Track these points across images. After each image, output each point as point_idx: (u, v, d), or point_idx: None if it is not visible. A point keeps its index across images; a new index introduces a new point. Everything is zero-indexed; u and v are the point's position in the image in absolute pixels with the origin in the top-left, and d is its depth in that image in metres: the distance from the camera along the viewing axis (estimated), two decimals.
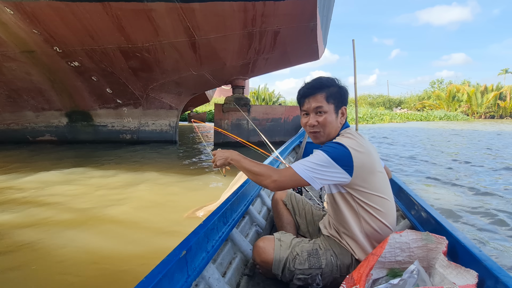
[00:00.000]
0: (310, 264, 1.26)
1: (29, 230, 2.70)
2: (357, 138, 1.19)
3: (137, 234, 2.70)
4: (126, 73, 7.71)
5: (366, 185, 1.16)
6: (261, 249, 1.29)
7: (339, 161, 1.11)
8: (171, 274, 0.93)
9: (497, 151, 8.17)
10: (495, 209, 3.28)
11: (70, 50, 6.91)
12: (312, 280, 1.26)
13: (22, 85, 7.89)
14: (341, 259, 1.27)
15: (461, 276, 0.91)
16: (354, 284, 1.01)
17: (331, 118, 1.23)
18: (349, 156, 1.11)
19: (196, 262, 1.12)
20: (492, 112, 35.21)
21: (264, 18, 6.36)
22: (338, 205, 1.24)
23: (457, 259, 1.06)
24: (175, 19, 6.10)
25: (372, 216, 1.19)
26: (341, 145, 1.13)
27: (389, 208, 1.21)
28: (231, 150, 1.36)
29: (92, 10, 5.88)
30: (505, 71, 48.29)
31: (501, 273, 0.86)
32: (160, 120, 9.34)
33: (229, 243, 1.58)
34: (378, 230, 1.20)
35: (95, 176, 4.80)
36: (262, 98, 31.84)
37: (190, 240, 1.10)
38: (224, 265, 1.45)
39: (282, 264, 1.26)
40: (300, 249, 1.28)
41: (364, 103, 44.41)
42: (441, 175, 5.06)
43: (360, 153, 1.13)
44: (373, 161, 1.16)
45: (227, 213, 1.50)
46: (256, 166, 1.23)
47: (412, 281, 0.97)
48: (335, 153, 1.12)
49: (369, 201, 1.17)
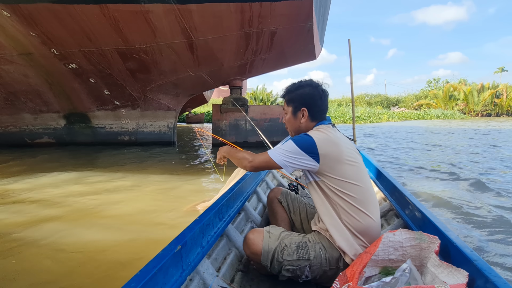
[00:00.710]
0: (298, 256, 1.28)
1: (27, 229, 2.71)
2: (326, 131, 1.33)
3: (136, 228, 2.75)
4: (124, 74, 7.71)
5: (335, 172, 1.26)
6: (250, 241, 1.33)
7: (305, 149, 1.25)
8: (166, 268, 0.94)
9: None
10: (487, 206, 3.32)
11: (67, 52, 6.90)
12: (301, 272, 1.28)
13: (20, 87, 7.86)
14: (329, 252, 1.29)
15: (452, 276, 0.93)
16: (347, 281, 1.03)
17: (290, 118, 1.45)
18: (313, 144, 1.25)
19: (191, 257, 1.13)
20: (488, 110, 35.40)
21: (261, 18, 6.39)
22: (315, 193, 1.34)
23: (449, 259, 1.08)
24: (172, 20, 6.11)
25: (346, 202, 1.26)
26: (307, 136, 1.29)
27: (366, 195, 1.28)
28: (226, 146, 1.63)
29: (90, 12, 5.88)
30: (501, 70, 48.56)
31: (491, 273, 0.87)
32: (158, 121, 9.34)
33: (224, 238, 1.59)
34: (357, 218, 1.25)
35: (93, 177, 4.81)
36: (260, 99, 31.82)
37: (186, 235, 1.11)
38: (218, 260, 1.46)
39: (270, 255, 1.28)
40: (289, 241, 1.32)
41: (362, 102, 44.51)
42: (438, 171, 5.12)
43: (325, 143, 1.26)
44: (340, 151, 1.28)
45: (223, 209, 1.52)
46: (239, 153, 1.47)
47: (404, 280, 0.99)
48: (301, 142, 1.27)
49: (341, 188, 1.26)
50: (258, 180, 2.39)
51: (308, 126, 1.41)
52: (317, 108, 1.40)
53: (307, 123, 1.41)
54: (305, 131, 1.40)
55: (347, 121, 25.14)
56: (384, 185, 2.12)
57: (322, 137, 1.28)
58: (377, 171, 2.37)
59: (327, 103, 1.45)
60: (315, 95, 1.40)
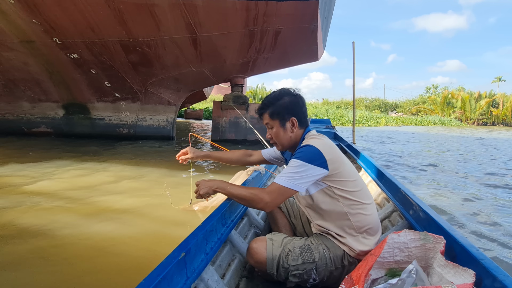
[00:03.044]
0: (303, 259, 1.28)
1: (28, 219, 2.71)
2: (321, 137, 1.36)
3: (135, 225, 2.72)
4: (126, 67, 7.65)
5: (339, 173, 1.28)
6: (253, 250, 1.31)
7: (313, 161, 1.23)
8: (170, 276, 0.93)
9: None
10: (491, 207, 3.36)
11: (69, 41, 6.83)
12: (308, 275, 1.28)
13: (19, 75, 7.77)
14: (333, 252, 1.30)
15: (458, 275, 0.92)
16: (353, 284, 1.02)
17: (278, 131, 1.41)
18: (319, 153, 1.25)
19: (195, 264, 1.11)
20: (485, 119, 35.67)
21: (266, 17, 6.38)
22: (321, 202, 1.32)
23: (455, 259, 1.07)
24: (178, 15, 6.08)
25: (349, 199, 1.30)
26: (310, 146, 1.27)
27: (360, 187, 1.34)
28: (215, 179, 1.44)
29: (94, 3, 5.83)
30: (498, 79, 48.92)
31: (498, 272, 0.86)
32: (158, 116, 9.29)
33: (228, 244, 1.57)
34: (362, 211, 1.30)
35: (87, 169, 4.80)
36: (260, 98, 31.82)
37: (189, 242, 1.09)
38: (223, 267, 1.45)
39: (275, 263, 1.28)
40: (292, 245, 1.32)
41: (361, 106, 44.67)
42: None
43: (326, 148, 1.29)
44: (338, 152, 1.33)
45: (226, 214, 1.49)
46: (245, 191, 1.30)
47: (410, 281, 0.98)
48: (306, 156, 1.24)
49: (343, 187, 1.29)
50: (260, 185, 2.37)
51: (297, 134, 1.41)
52: (303, 115, 1.42)
53: (297, 131, 1.41)
54: (296, 140, 1.41)
55: (345, 123, 25.21)
56: (387, 186, 2.12)
57: (322, 144, 1.30)
58: (379, 172, 2.37)
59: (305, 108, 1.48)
60: (298, 102, 1.42)
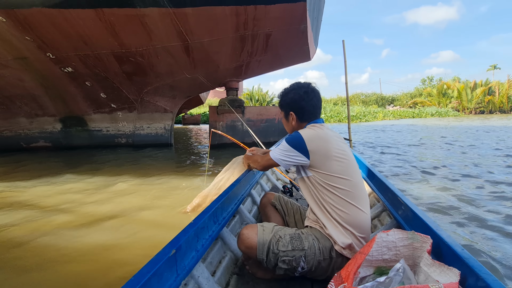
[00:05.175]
0: (293, 246, 1.31)
1: (30, 232, 2.74)
2: (316, 129, 1.42)
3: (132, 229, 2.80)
4: (120, 77, 7.70)
5: (324, 167, 1.34)
6: (244, 236, 1.33)
7: (295, 146, 1.37)
8: (160, 273, 0.93)
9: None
10: (477, 206, 3.41)
11: (63, 56, 6.88)
12: (297, 263, 1.30)
13: (15, 91, 7.82)
14: (322, 243, 1.33)
15: (444, 274, 0.94)
16: (342, 282, 1.04)
17: (284, 121, 1.62)
18: (301, 141, 1.35)
19: (186, 261, 1.11)
20: (482, 107, 35.75)
21: (255, 21, 6.43)
22: (306, 188, 1.43)
23: (441, 258, 1.09)
24: (168, 23, 6.13)
25: (335, 195, 1.33)
26: (297, 133, 1.40)
27: (355, 189, 1.34)
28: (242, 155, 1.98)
29: (85, 16, 5.87)
30: (493, 67, 49.09)
31: (482, 271, 0.88)
32: (155, 124, 9.35)
33: (219, 242, 1.59)
34: (345, 210, 1.31)
35: (88, 180, 4.83)
36: (256, 99, 31.78)
37: (180, 239, 1.09)
38: (213, 264, 1.45)
39: (266, 248, 1.29)
40: (282, 233, 1.35)
41: (358, 101, 44.73)
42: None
43: (313, 139, 1.36)
44: (329, 147, 1.36)
45: (218, 212, 1.49)
46: (253, 156, 1.81)
47: (398, 279, 0.99)
48: (291, 140, 1.39)
49: (330, 182, 1.33)
50: (252, 183, 2.37)
51: (299, 127, 1.52)
52: (302, 110, 1.50)
53: (297, 124, 1.53)
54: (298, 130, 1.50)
55: (342, 120, 25.25)
56: (377, 186, 2.14)
57: (310, 134, 1.37)
58: (370, 172, 2.39)
59: (315, 102, 1.50)
60: (296, 99, 1.50)
